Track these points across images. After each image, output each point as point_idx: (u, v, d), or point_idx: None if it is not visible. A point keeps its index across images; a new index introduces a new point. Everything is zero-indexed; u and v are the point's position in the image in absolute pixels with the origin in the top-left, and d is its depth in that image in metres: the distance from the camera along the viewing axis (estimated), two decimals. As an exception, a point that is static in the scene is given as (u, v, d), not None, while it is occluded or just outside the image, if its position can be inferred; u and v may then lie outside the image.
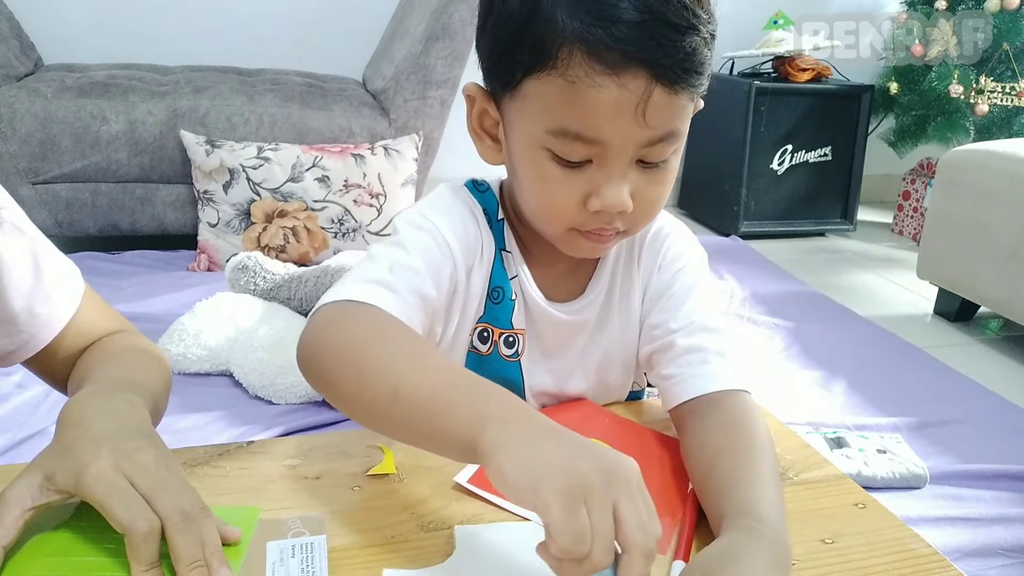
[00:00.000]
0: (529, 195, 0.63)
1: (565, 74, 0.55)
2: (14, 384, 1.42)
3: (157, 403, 0.60)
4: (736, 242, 2.75)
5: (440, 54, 2.21)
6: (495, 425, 0.46)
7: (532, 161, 0.60)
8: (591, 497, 0.42)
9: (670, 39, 0.54)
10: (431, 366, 0.53)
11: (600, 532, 0.41)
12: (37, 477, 0.46)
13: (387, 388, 0.52)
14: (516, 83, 0.58)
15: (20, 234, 0.60)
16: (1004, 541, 1.21)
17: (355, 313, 0.58)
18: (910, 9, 2.84)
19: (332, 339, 0.56)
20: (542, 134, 0.58)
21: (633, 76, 0.54)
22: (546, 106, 0.57)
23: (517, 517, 0.56)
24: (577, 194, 0.59)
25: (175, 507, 0.45)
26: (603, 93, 0.54)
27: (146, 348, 0.67)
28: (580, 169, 0.58)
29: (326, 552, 0.50)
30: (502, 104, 0.62)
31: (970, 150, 2.12)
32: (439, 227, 0.66)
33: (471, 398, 0.49)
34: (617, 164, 0.58)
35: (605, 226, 0.61)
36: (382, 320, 0.57)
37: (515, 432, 0.46)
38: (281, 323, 1.56)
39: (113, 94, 2.09)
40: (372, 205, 2.15)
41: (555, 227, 0.63)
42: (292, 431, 1.35)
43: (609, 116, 0.55)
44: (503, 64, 0.60)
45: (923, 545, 0.56)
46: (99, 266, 2.05)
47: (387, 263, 0.62)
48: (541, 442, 0.45)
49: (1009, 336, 2.11)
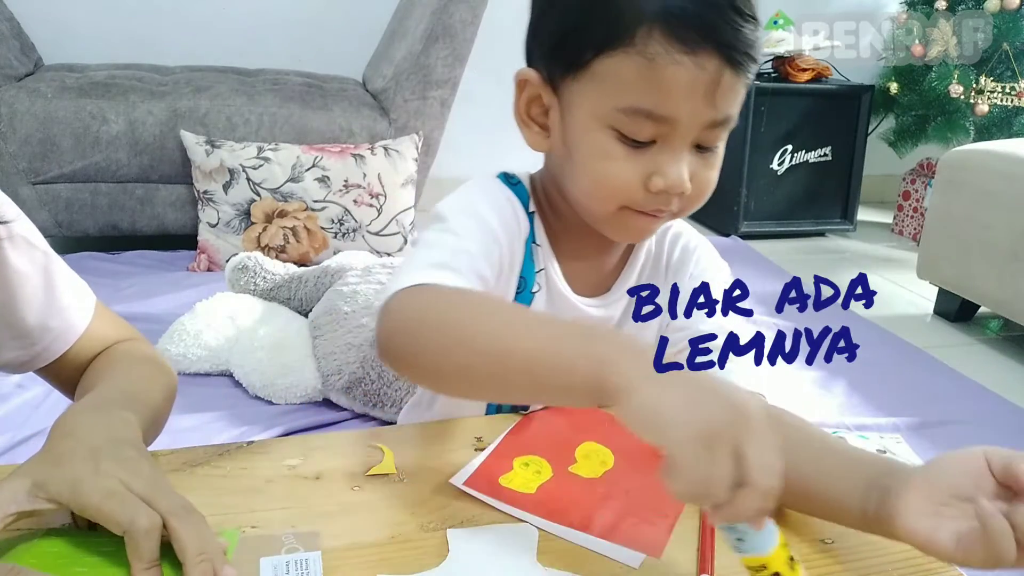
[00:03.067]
0: (586, 175, 0.64)
1: (644, 51, 0.56)
2: (14, 384, 1.42)
3: (157, 417, 0.60)
4: (736, 242, 2.75)
5: (440, 54, 2.21)
6: (617, 366, 0.46)
7: (595, 140, 0.61)
8: (717, 440, 0.42)
9: (739, 25, 0.56)
10: (535, 321, 0.53)
11: (719, 476, 0.42)
12: (25, 483, 0.45)
13: (499, 350, 0.51)
14: (585, 62, 0.59)
15: (32, 248, 0.61)
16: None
17: (435, 292, 0.57)
18: (910, 9, 2.84)
19: (422, 318, 0.56)
20: (611, 112, 0.59)
21: (708, 57, 0.56)
22: (620, 84, 0.58)
23: (516, 520, 0.56)
24: (639, 173, 0.60)
25: (175, 503, 0.45)
26: (680, 71, 0.56)
27: (152, 360, 0.67)
28: (643, 149, 0.60)
29: (321, 569, 0.49)
30: (561, 86, 0.63)
31: (970, 150, 2.12)
32: (484, 213, 0.66)
33: (587, 343, 0.48)
34: (681, 144, 0.60)
35: (662, 207, 0.62)
36: (466, 292, 0.58)
37: (641, 372, 0.46)
38: (281, 323, 1.56)
39: (113, 94, 2.09)
40: (372, 205, 2.15)
41: (609, 206, 0.63)
42: (292, 431, 1.35)
43: (684, 94, 0.57)
44: (571, 43, 0.60)
45: (923, 545, 0.56)
46: (99, 266, 2.05)
47: (446, 248, 0.62)
48: (668, 383, 0.45)
49: (1009, 336, 2.11)
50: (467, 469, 0.60)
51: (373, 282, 1.55)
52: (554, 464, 0.62)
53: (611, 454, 0.64)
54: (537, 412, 0.70)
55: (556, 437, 0.66)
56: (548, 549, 0.53)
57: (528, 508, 0.56)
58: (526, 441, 0.65)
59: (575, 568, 0.51)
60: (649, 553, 0.53)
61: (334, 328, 1.47)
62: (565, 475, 0.61)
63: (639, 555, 0.53)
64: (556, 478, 0.61)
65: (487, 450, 0.63)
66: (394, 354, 0.58)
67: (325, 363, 1.44)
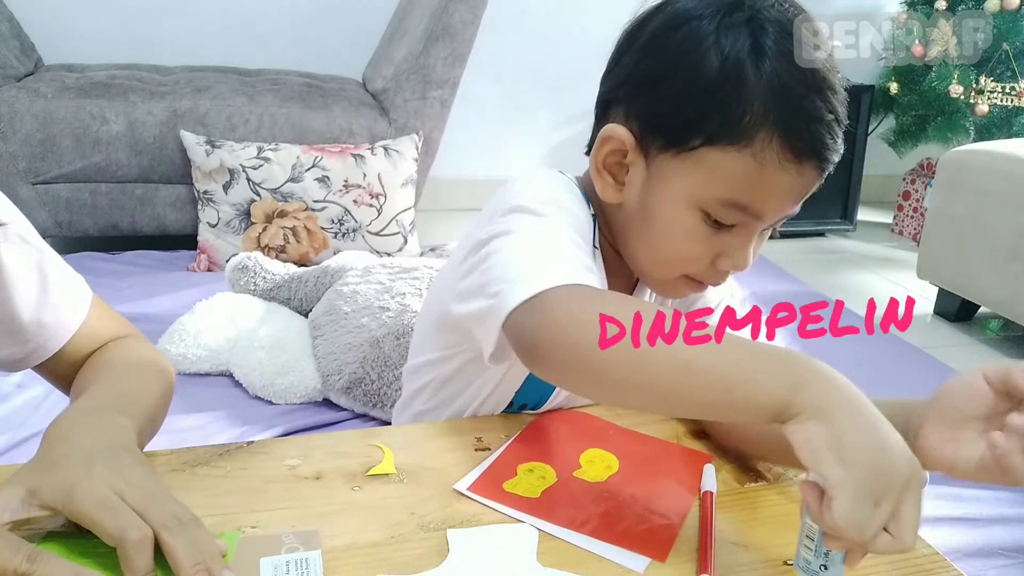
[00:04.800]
0: (662, 246, 0.66)
1: (757, 155, 0.59)
2: (14, 384, 1.42)
3: (153, 418, 0.60)
4: (736, 242, 2.75)
5: (440, 54, 2.21)
6: (811, 387, 0.47)
7: (682, 219, 0.63)
8: (887, 496, 0.44)
9: (838, 138, 0.61)
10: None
11: (875, 525, 0.44)
12: (19, 491, 0.45)
13: (676, 363, 0.50)
14: (692, 147, 0.61)
15: (26, 245, 0.61)
16: (1004, 541, 1.21)
17: (582, 295, 0.54)
18: (910, 9, 2.84)
19: (581, 325, 0.52)
20: (708, 199, 0.61)
21: (810, 168, 0.60)
22: (726, 178, 0.60)
23: (515, 521, 0.56)
24: (712, 252, 0.64)
25: (168, 514, 0.45)
26: (785, 178, 0.60)
27: (149, 357, 0.67)
28: (722, 232, 0.63)
29: (321, 568, 0.49)
30: (657, 157, 0.63)
31: (970, 150, 2.12)
32: (571, 206, 0.67)
33: (776, 362, 0.49)
34: (756, 231, 0.64)
35: (719, 280, 0.67)
36: (616, 298, 0.57)
37: (832, 399, 0.46)
38: (281, 323, 1.56)
39: (113, 94, 2.09)
40: (372, 205, 2.15)
41: (671, 274, 0.67)
42: (292, 431, 1.35)
43: (782, 197, 0.61)
44: (681, 125, 0.61)
45: (923, 545, 0.56)
46: (99, 266, 2.05)
47: (562, 243, 0.61)
48: (856, 417, 0.45)
49: (1009, 336, 2.11)
50: (471, 476, 0.60)
51: (373, 282, 1.55)
52: (559, 470, 0.62)
53: (616, 459, 0.64)
54: (542, 419, 0.70)
55: (561, 444, 0.66)
56: (548, 549, 0.53)
57: (532, 512, 0.56)
58: (531, 448, 0.65)
59: (576, 568, 0.51)
60: (654, 558, 0.53)
61: (334, 328, 1.47)
62: (570, 480, 0.61)
63: (644, 559, 0.53)
64: (560, 483, 0.61)
65: (491, 457, 0.63)
66: (546, 362, 0.55)
67: (325, 363, 1.44)
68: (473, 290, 0.61)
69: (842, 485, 0.44)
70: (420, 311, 0.90)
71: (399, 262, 1.66)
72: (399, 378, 1.38)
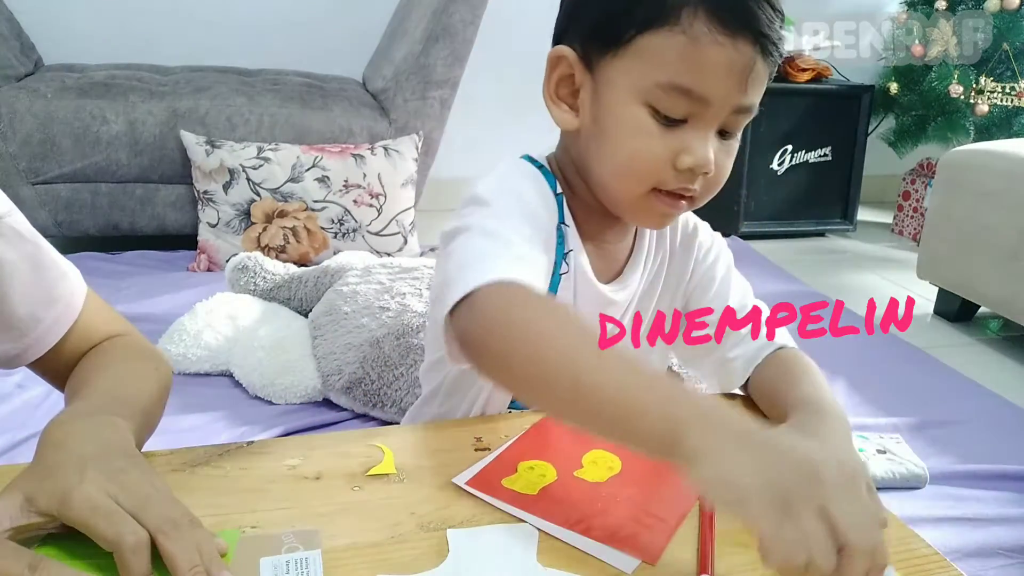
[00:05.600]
0: (618, 152, 0.65)
1: (688, 31, 0.59)
2: (14, 384, 1.42)
3: (150, 416, 0.60)
4: (736, 242, 2.75)
5: (440, 54, 2.21)
6: (692, 430, 0.45)
7: (630, 116, 0.63)
8: (797, 505, 0.42)
9: (773, 19, 0.61)
10: (610, 356, 0.51)
11: (814, 537, 0.41)
12: (17, 498, 0.45)
13: (568, 377, 0.50)
14: (628, 39, 0.61)
15: (21, 239, 0.60)
16: (1004, 541, 1.21)
17: (522, 294, 0.56)
18: (910, 9, 2.84)
19: (501, 324, 0.54)
20: (650, 88, 0.61)
21: (745, 42, 0.60)
22: (662, 61, 0.60)
23: (516, 519, 0.56)
24: (668, 151, 0.63)
25: (163, 518, 0.45)
26: (721, 52, 0.59)
27: (144, 355, 0.66)
28: (674, 128, 0.63)
29: (321, 568, 0.49)
30: (599, 65, 0.64)
31: (970, 150, 2.12)
32: (524, 192, 0.67)
33: (662, 398, 0.48)
34: (710, 126, 0.63)
35: (687, 185, 0.65)
36: (542, 302, 0.57)
37: (714, 440, 0.45)
38: (281, 323, 1.56)
39: (113, 94, 2.09)
40: (372, 205, 2.15)
41: (638, 186, 0.65)
42: (292, 431, 1.35)
43: (721, 75, 0.60)
44: (615, 21, 0.62)
45: (923, 545, 0.56)
46: (99, 266, 2.05)
47: (505, 235, 0.62)
48: (741, 450, 0.44)
49: (1009, 336, 2.11)
50: (471, 470, 0.60)
51: (373, 282, 1.55)
52: (560, 469, 0.62)
53: (619, 461, 0.64)
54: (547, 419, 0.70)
55: (565, 444, 0.66)
56: (548, 549, 0.53)
57: (527, 508, 0.56)
58: (533, 447, 0.65)
59: (576, 569, 0.51)
60: (645, 560, 0.53)
61: (334, 328, 1.47)
62: (569, 479, 0.61)
63: (634, 561, 0.52)
64: (560, 481, 0.60)
65: (493, 453, 0.63)
66: (479, 353, 0.56)
67: (325, 363, 1.44)
68: (434, 294, 0.65)
69: (755, 520, 0.42)
70: (428, 309, 0.91)
71: (399, 262, 1.66)
72: (399, 378, 1.38)
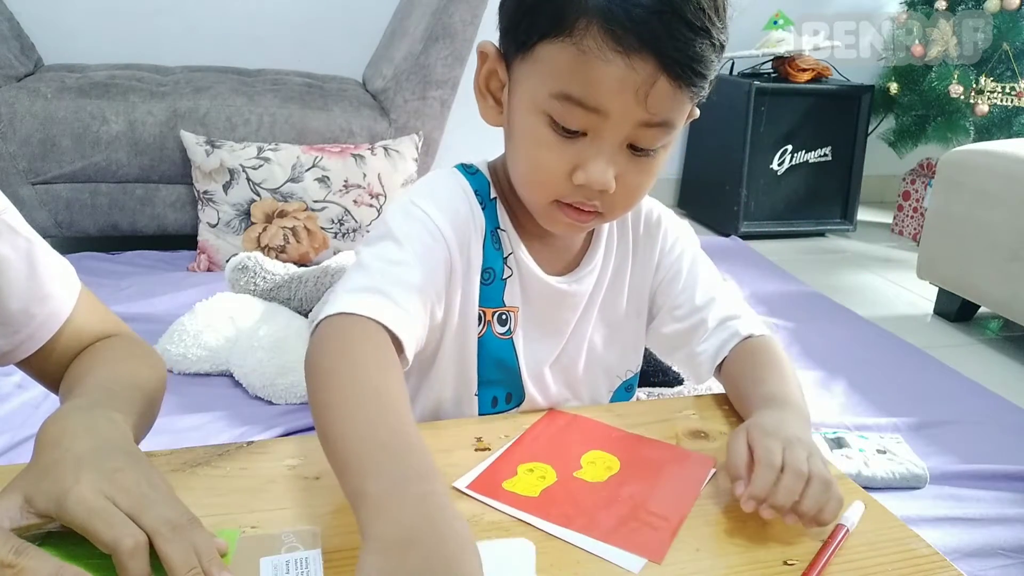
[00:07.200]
0: (521, 159, 0.66)
1: (579, 44, 0.57)
2: (14, 384, 1.42)
3: (144, 414, 0.59)
4: (736, 242, 2.75)
5: (440, 54, 2.21)
6: (367, 509, 0.45)
7: (530, 124, 0.62)
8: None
9: (683, 35, 0.56)
10: (363, 418, 0.50)
11: None
12: (17, 499, 0.45)
13: (322, 425, 0.52)
14: (530, 46, 0.61)
15: (15, 235, 0.60)
16: (1004, 541, 1.21)
17: (343, 334, 0.57)
18: (910, 9, 2.84)
19: (318, 360, 0.56)
20: (546, 97, 0.60)
21: (642, 61, 0.56)
22: (555, 70, 0.59)
23: (516, 520, 0.56)
24: (565, 164, 0.62)
25: (161, 519, 0.45)
26: (611, 68, 0.57)
27: (139, 352, 0.66)
28: (574, 140, 0.61)
29: (321, 567, 0.49)
30: (512, 65, 0.64)
31: (970, 150, 2.12)
32: (429, 213, 0.66)
33: (361, 468, 0.47)
34: (609, 141, 0.60)
35: (585, 200, 0.63)
36: (361, 350, 0.56)
37: (380, 527, 0.43)
38: (281, 323, 1.56)
39: (113, 94, 2.09)
40: (372, 205, 2.15)
41: (539, 196, 0.66)
42: (292, 431, 1.35)
43: (613, 90, 0.57)
44: (521, 26, 0.62)
45: (923, 545, 0.56)
46: (99, 266, 2.05)
47: (378, 266, 0.63)
48: (396, 545, 0.42)
49: (1009, 336, 2.11)
50: (471, 474, 0.60)
51: (373, 282, 1.55)
52: (559, 470, 0.62)
53: (618, 461, 0.64)
54: (544, 421, 0.70)
55: (563, 445, 0.66)
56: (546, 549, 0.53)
57: (529, 510, 0.56)
58: (532, 449, 0.65)
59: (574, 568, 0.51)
60: (650, 558, 0.53)
61: (334, 328, 1.47)
62: (570, 479, 0.61)
63: (640, 561, 0.52)
64: (560, 482, 0.60)
65: (492, 456, 0.63)
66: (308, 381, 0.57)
67: (325, 363, 1.44)
68: None
69: None
70: None
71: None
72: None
